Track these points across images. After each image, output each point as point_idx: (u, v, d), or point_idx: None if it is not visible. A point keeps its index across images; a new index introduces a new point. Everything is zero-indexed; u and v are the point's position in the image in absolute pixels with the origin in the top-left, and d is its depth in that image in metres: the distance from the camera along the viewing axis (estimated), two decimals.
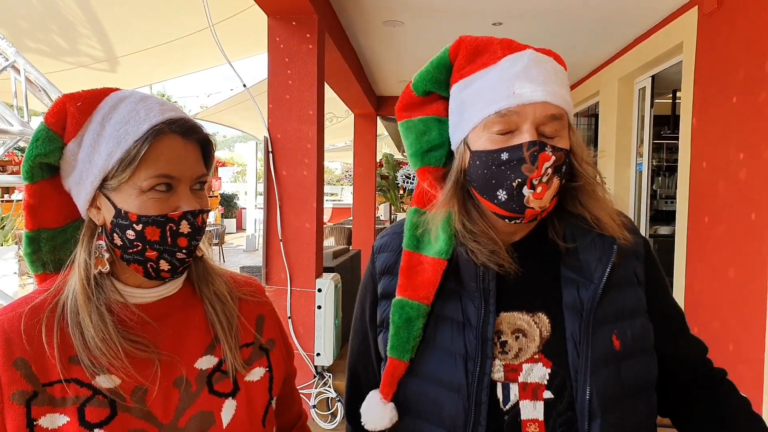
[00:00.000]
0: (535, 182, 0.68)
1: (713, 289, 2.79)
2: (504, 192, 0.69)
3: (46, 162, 0.67)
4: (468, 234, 0.72)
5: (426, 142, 0.78)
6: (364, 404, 0.78)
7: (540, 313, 0.73)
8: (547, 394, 0.70)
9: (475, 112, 0.71)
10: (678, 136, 3.25)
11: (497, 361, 0.71)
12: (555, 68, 0.72)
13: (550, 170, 0.68)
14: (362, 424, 0.78)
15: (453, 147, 0.77)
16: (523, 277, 0.74)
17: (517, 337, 0.72)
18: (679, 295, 3.12)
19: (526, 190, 0.68)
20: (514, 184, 0.68)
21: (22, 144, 2.69)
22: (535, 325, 0.72)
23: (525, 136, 0.68)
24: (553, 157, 0.68)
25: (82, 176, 0.67)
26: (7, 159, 10.22)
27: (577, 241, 0.74)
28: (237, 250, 11.29)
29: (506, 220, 0.72)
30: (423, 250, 0.76)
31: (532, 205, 0.69)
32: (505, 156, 0.68)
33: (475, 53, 0.73)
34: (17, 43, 3.13)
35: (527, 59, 0.70)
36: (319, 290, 2.97)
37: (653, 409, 0.76)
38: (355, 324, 0.89)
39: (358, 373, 0.89)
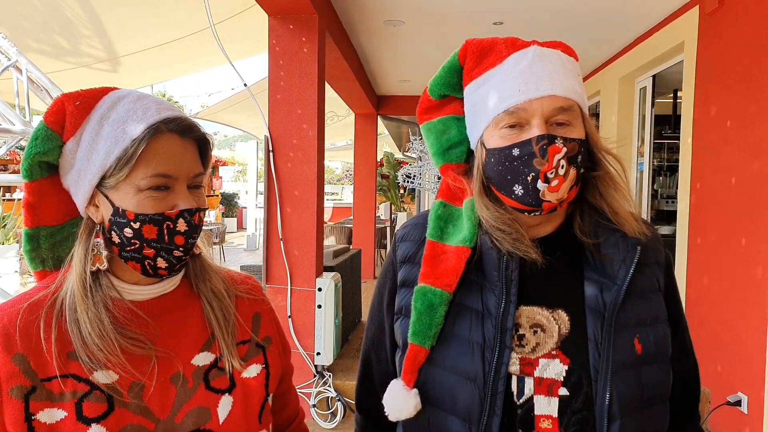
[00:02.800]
0: (550, 175, 0.68)
1: (714, 288, 2.79)
2: (520, 186, 0.70)
3: (45, 160, 0.68)
4: (493, 222, 0.73)
5: (446, 140, 0.80)
6: (386, 394, 0.77)
7: (560, 310, 0.73)
8: (563, 391, 0.70)
9: (486, 111, 0.73)
10: (679, 136, 3.25)
11: (514, 354, 0.71)
12: (562, 60, 0.73)
13: (563, 162, 0.68)
14: (377, 410, 0.78)
15: (472, 146, 0.79)
16: (545, 272, 0.74)
17: (535, 332, 0.72)
18: (680, 293, 3.11)
19: (540, 184, 0.69)
20: (528, 178, 0.69)
21: (23, 143, 2.70)
22: (554, 321, 0.73)
23: (534, 131, 0.69)
24: (564, 149, 0.68)
25: (81, 175, 0.67)
26: (8, 158, 10.25)
27: (601, 242, 0.75)
28: (237, 249, 11.31)
29: (525, 213, 0.73)
30: (446, 240, 0.78)
31: (548, 198, 0.70)
32: (516, 151, 0.70)
33: (481, 55, 0.74)
34: (19, 43, 3.14)
35: (531, 55, 0.71)
36: (320, 289, 2.98)
37: (667, 422, 0.76)
38: (372, 311, 0.90)
39: (371, 361, 0.89)
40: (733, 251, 2.60)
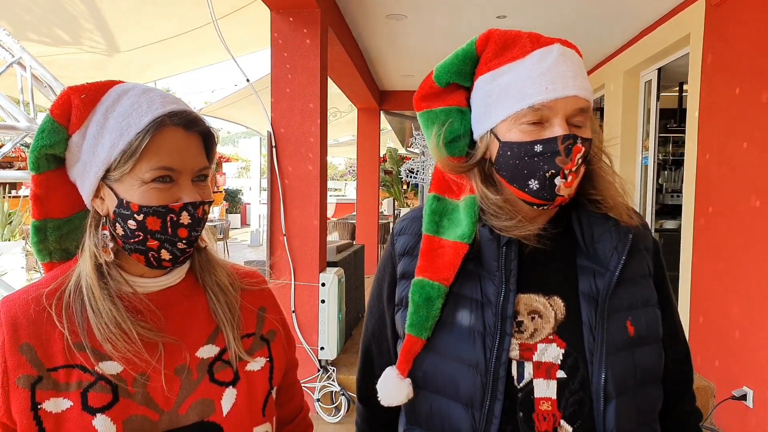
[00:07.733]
0: (567, 172, 0.71)
1: (719, 282, 2.78)
2: (536, 181, 0.72)
3: (51, 153, 0.68)
4: (494, 209, 0.75)
5: (449, 132, 0.79)
6: (380, 380, 0.79)
7: (555, 297, 0.75)
8: (560, 374, 0.73)
9: (505, 104, 0.73)
10: (684, 130, 3.23)
11: (513, 340, 0.74)
12: (579, 61, 0.74)
13: (580, 160, 0.71)
14: (378, 399, 0.80)
15: (476, 136, 0.79)
16: (541, 261, 0.77)
17: (532, 318, 0.75)
18: (685, 288, 3.11)
19: (558, 180, 0.71)
20: (547, 174, 0.71)
21: (28, 140, 2.71)
22: (550, 308, 0.75)
23: (558, 130, 0.70)
24: (584, 149, 0.71)
25: (86, 167, 0.68)
26: (14, 155, 10.29)
27: (594, 231, 0.77)
28: (241, 245, 11.35)
29: (534, 207, 0.75)
30: (443, 234, 0.79)
31: (563, 193, 0.72)
32: (539, 148, 0.71)
33: (504, 46, 0.74)
34: (20, 36, 3.14)
35: (556, 53, 0.72)
36: (323, 285, 2.99)
37: (660, 402, 0.78)
38: (371, 303, 0.91)
39: (372, 352, 0.91)
40: (738, 244, 2.59)
